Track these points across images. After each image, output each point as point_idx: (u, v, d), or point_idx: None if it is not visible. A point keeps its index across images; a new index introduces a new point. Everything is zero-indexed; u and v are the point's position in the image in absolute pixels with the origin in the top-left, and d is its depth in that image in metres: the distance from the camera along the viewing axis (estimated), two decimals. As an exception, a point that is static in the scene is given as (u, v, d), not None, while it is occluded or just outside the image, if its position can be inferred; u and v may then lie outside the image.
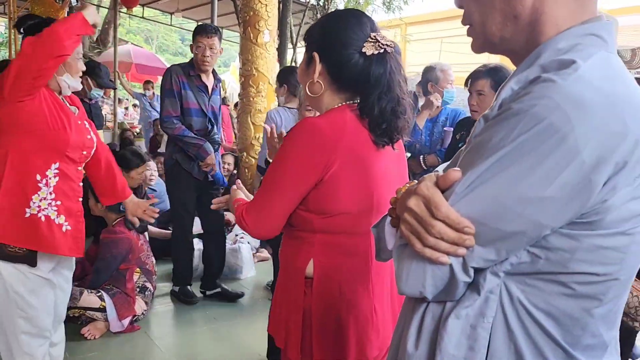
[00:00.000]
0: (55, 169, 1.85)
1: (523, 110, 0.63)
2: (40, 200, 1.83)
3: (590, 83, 0.63)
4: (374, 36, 1.20)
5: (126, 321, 2.94)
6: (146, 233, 3.49)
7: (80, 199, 2.00)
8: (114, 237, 3.00)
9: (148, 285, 3.17)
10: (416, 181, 0.83)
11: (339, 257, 1.23)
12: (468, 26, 0.81)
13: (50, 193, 1.85)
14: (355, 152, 1.19)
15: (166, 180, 3.61)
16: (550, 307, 0.69)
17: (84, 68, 1.94)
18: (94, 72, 3.68)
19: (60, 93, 1.90)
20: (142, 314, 3.09)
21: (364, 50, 1.19)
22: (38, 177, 1.81)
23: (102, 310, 2.89)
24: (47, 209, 1.84)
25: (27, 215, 1.81)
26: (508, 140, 0.63)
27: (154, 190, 4.81)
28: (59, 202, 1.87)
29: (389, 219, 0.89)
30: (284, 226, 1.24)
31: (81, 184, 2.01)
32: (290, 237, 1.27)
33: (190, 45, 3.27)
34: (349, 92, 1.25)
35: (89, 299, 2.89)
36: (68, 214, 1.91)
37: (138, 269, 3.13)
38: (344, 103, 1.25)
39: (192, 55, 3.27)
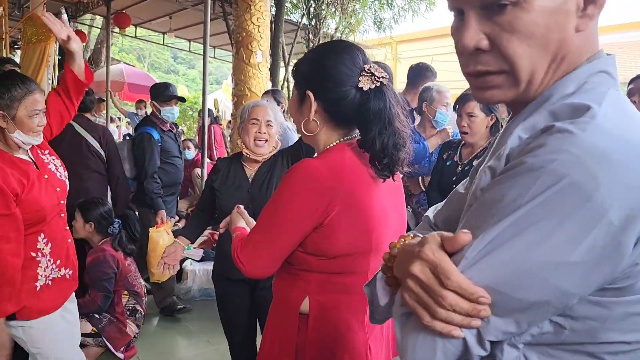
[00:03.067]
0: (43, 239, 1.85)
1: (539, 165, 0.57)
2: (44, 270, 1.87)
3: (611, 133, 0.57)
4: (369, 69, 1.16)
5: (122, 350, 2.90)
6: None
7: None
8: (100, 256, 2.95)
9: (138, 307, 3.14)
10: (411, 235, 0.77)
11: (335, 295, 1.20)
12: (493, 74, 0.68)
13: (49, 260, 1.88)
14: (355, 195, 1.15)
15: None
16: None
17: (44, 123, 1.84)
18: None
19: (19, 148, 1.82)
20: (135, 337, 3.05)
21: (360, 85, 1.14)
22: (33, 254, 1.83)
23: (94, 335, 2.85)
24: (51, 274, 1.89)
25: (38, 288, 1.84)
26: (524, 199, 0.57)
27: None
28: (58, 261, 1.92)
29: (381, 275, 0.82)
30: None
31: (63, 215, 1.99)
32: (285, 271, 1.24)
33: None
34: (346, 127, 1.22)
35: (80, 324, 2.84)
36: (66, 261, 1.96)
37: (126, 292, 3.10)
38: (341, 139, 1.22)
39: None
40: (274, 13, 6.76)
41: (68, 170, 3.26)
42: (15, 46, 10.73)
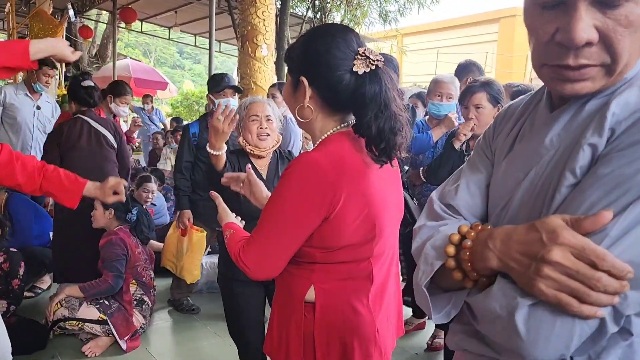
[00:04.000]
0: None
1: None
2: None
3: None
4: (363, 52, 1.13)
5: (127, 337, 2.93)
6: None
7: None
8: (112, 239, 3.04)
9: (146, 298, 3.16)
10: (479, 225, 0.75)
11: (340, 282, 1.21)
12: (591, 67, 0.68)
13: None
14: (357, 185, 1.14)
15: None
16: None
17: None
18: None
19: None
20: (141, 327, 3.08)
21: (354, 69, 1.12)
22: None
23: (101, 322, 2.89)
24: None
25: None
26: None
27: (154, 205, 4.82)
28: None
29: (426, 280, 0.78)
30: None
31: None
32: (289, 262, 1.24)
33: None
34: (341, 113, 1.20)
35: (88, 310, 2.90)
36: None
37: (134, 281, 3.13)
38: (338, 127, 1.20)
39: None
40: (279, 6, 6.76)
41: (90, 164, 3.33)
42: (22, 42, 10.77)
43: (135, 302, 3.10)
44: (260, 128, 2.10)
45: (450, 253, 0.73)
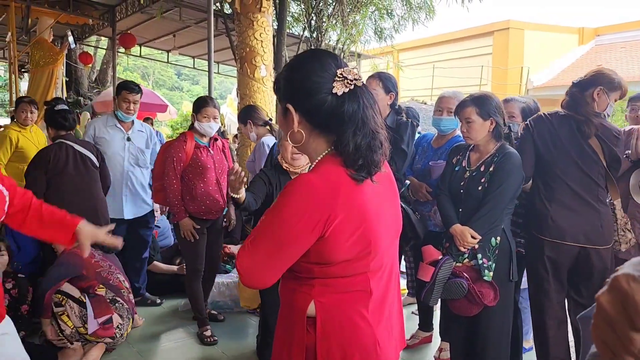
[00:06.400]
0: None
1: None
2: None
3: None
4: (341, 73, 1.19)
5: (101, 320, 2.98)
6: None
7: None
8: (62, 253, 3.16)
9: (118, 299, 3.14)
10: None
11: (337, 295, 1.24)
12: None
13: None
14: (352, 203, 1.18)
15: None
16: None
17: None
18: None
19: None
20: (118, 327, 3.05)
21: (334, 90, 1.18)
22: None
23: (81, 304, 2.94)
24: None
25: None
26: None
27: (158, 227, 4.85)
28: None
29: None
30: None
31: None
32: (289, 277, 1.28)
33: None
34: (332, 133, 1.23)
35: (71, 288, 2.97)
36: None
37: (102, 285, 3.13)
38: (331, 147, 1.24)
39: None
40: (275, 27, 6.87)
41: (78, 186, 3.37)
42: (23, 69, 10.92)
43: (108, 301, 3.10)
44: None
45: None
